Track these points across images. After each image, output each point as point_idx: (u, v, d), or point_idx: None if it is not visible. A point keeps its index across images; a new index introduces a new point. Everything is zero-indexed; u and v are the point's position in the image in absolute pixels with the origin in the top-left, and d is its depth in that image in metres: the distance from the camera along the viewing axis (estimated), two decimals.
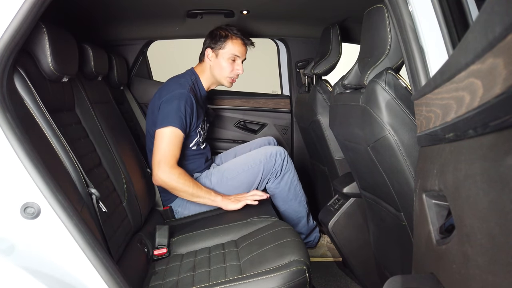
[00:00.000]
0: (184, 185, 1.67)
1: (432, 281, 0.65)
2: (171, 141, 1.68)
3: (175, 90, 1.74)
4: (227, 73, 1.89)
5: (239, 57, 1.90)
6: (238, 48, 1.89)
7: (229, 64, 1.88)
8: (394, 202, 1.18)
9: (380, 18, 1.11)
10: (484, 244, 0.48)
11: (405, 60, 0.92)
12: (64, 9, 1.55)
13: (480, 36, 0.44)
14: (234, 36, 1.89)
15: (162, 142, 1.67)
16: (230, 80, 1.93)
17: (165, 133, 1.68)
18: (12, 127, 0.87)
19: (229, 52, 1.88)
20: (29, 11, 0.89)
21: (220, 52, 1.88)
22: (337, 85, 1.48)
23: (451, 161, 0.59)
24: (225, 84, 1.94)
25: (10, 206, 0.88)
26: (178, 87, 1.76)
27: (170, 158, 1.67)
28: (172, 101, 1.70)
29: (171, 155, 1.67)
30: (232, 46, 1.88)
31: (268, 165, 1.81)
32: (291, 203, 1.90)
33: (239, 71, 1.92)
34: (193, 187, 1.69)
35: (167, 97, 1.72)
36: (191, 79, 1.86)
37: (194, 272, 1.26)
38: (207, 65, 1.91)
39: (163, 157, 1.66)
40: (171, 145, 1.68)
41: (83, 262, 0.91)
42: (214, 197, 1.73)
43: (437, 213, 0.69)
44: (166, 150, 1.67)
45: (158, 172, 1.66)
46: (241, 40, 1.91)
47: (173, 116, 1.68)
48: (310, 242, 2.01)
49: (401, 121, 1.04)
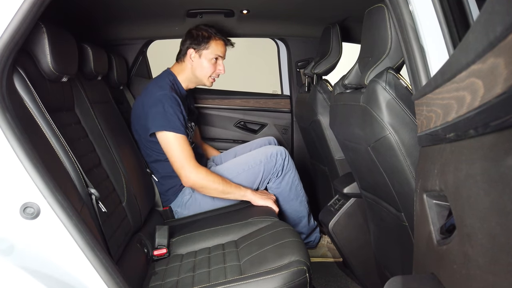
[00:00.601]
0: (214, 182, 1.70)
1: (432, 281, 0.65)
2: (180, 145, 1.69)
3: (157, 93, 1.74)
4: (210, 73, 1.91)
5: (222, 57, 1.93)
6: (220, 49, 1.91)
7: (211, 65, 1.90)
8: (394, 202, 1.18)
9: (381, 18, 1.11)
10: (485, 244, 0.48)
11: (406, 59, 0.92)
12: (63, 9, 1.54)
13: (481, 36, 0.44)
14: (217, 37, 1.90)
15: (172, 148, 1.69)
16: (211, 80, 1.94)
17: (170, 139, 1.69)
18: (11, 127, 0.86)
19: (212, 52, 1.89)
20: (28, 10, 0.88)
21: (203, 52, 1.89)
22: (338, 85, 1.48)
23: (452, 161, 0.58)
24: (206, 84, 1.95)
25: (10, 206, 0.88)
26: (158, 90, 1.75)
27: (190, 159, 1.69)
28: (157, 105, 1.70)
29: (189, 156, 1.69)
30: (216, 47, 1.89)
31: (268, 165, 1.81)
32: (292, 203, 1.90)
33: (221, 71, 1.94)
34: (223, 184, 1.71)
35: (150, 102, 1.72)
36: (169, 79, 1.86)
37: (194, 273, 1.26)
38: (188, 65, 1.91)
39: (184, 160, 1.67)
40: (182, 148, 1.69)
41: (82, 262, 0.91)
42: (244, 192, 1.75)
43: (438, 213, 0.69)
44: (182, 154, 1.68)
45: (186, 174, 1.67)
46: (223, 41, 1.93)
47: (167, 120, 1.68)
48: (311, 242, 2.01)
49: (401, 121, 1.04)
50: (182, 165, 1.67)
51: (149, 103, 1.72)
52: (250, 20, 2.15)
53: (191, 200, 1.82)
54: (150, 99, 1.73)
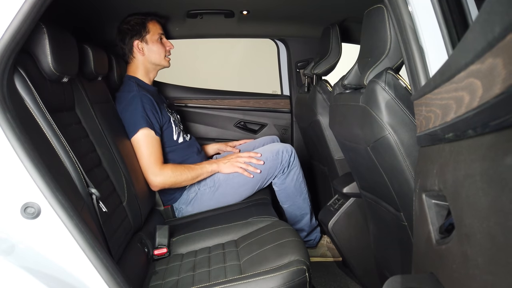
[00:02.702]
0: (181, 175, 1.71)
1: (431, 281, 0.65)
2: (147, 144, 1.69)
3: (126, 98, 1.75)
4: (163, 52, 1.90)
5: (163, 34, 1.92)
6: (158, 26, 1.91)
7: (160, 45, 1.89)
8: (394, 202, 1.18)
9: (380, 18, 1.12)
10: (484, 244, 0.49)
11: (405, 60, 0.92)
12: (64, 9, 1.55)
13: (480, 36, 0.44)
14: (149, 18, 1.89)
15: (140, 148, 1.68)
16: (168, 59, 1.94)
17: (139, 139, 1.69)
18: (12, 127, 0.87)
19: (154, 33, 1.88)
20: (29, 11, 0.89)
21: (147, 38, 1.87)
22: (337, 85, 1.48)
23: (451, 161, 0.59)
24: (165, 64, 1.94)
25: (11, 206, 0.88)
26: (127, 94, 1.76)
27: (154, 160, 1.68)
28: (128, 107, 1.71)
29: (154, 158, 1.69)
30: (154, 27, 1.89)
31: (274, 162, 1.83)
32: (296, 199, 1.91)
33: (171, 46, 1.94)
34: (189, 172, 1.73)
35: (121, 107, 1.73)
36: (132, 81, 1.85)
37: (194, 272, 1.27)
38: (139, 58, 1.89)
39: (148, 162, 1.68)
40: (150, 147, 1.69)
41: (83, 262, 0.91)
42: (211, 167, 1.79)
43: (437, 213, 0.69)
44: (147, 155, 1.68)
45: (151, 178, 1.68)
46: (155, 20, 1.91)
47: (137, 119, 1.69)
48: (311, 241, 2.02)
49: (401, 121, 1.04)
50: (147, 168, 1.67)
51: (120, 109, 1.74)
52: (250, 21, 2.15)
53: (196, 198, 1.83)
54: (121, 105, 1.75)
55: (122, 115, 1.72)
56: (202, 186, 1.83)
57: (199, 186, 1.83)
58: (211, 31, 2.29)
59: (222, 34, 2.39)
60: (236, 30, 2.27)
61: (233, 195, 1.84)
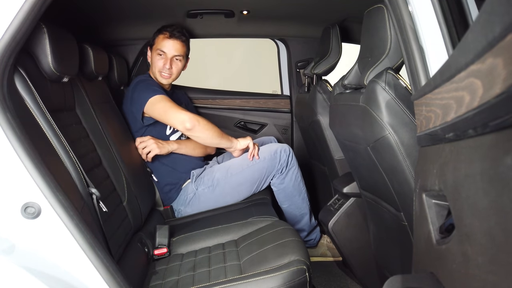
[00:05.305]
0: (209, 123, 1.76)
1: (432, 281, 0.65)
2: (165, 100, 1.73)
3: (135, 81, 1.84)
4: (159, 67, 1.88)
5: (164, 53, 1.87)
6: (161, 43, 1.87)
7: (157, 59, 1.88)
8: (394, 202, 1.19)
9: (380, 18, 1.12)
10: (484, 243, 0.49)
11: (405, 60, 0.92)
12: (64, 9, 1.55)
13: (480, 36, 0.44)
14: (163, 31, 1.88)
15: (162, 108, 1.72)
16: (164, 75, 1.90)
17: (152, 103, 1.72)
18: (12, 127, 0.87)
19: (156, 47, 1.89)
20: (29, 11, 0.89)
21: (153, 48, 1.91)
22: (337, 85, 1.48)
23: (451, 161, 0.59)
24: (160, 79, 1.91)
25: (11, 206, 0.88)
26: (137, 78, 1.86)
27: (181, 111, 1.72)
28: (137, 87, 1.78)
29: (179, 109, 1.72)
30: (158, 41, 1.89)
31: (272, 162, 1.83)
32: (295, 199, 1.91)
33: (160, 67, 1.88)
34: (214, 127, 1.77)
35: (131, 88, 1.82)
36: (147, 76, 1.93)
37: (194, 272, 1.27)
38: (150, 63, 1.95)
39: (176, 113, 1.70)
40: (168, 101, 1.73)
41: (83, 261, 0.91)
42: (229, 140, 1.83)
43: (437, 212, 0.69)
44: (169, 106, 1.72)
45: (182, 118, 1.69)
46: (165, 35, 1.87)
47: (146, 91, 1.74)
48: (311, 241, 2.02)
49: (401, 121, 1.04)
50: (173, 116, 1.70)
51: (130, 90, 1.81)
52: (250, 21, 2.15)
53: (194, 198, 1.83)
54: (131, 87, 1.82)
55: (133, 95, 1.77)
56: (200, 186, 1.83)
57: (196, 186, 1.83)
58: (211, 31, 2.29)
59: (222, 34, 2.39)
60: (236, 30, 2.27)
61: (232, 194, 1.84)
